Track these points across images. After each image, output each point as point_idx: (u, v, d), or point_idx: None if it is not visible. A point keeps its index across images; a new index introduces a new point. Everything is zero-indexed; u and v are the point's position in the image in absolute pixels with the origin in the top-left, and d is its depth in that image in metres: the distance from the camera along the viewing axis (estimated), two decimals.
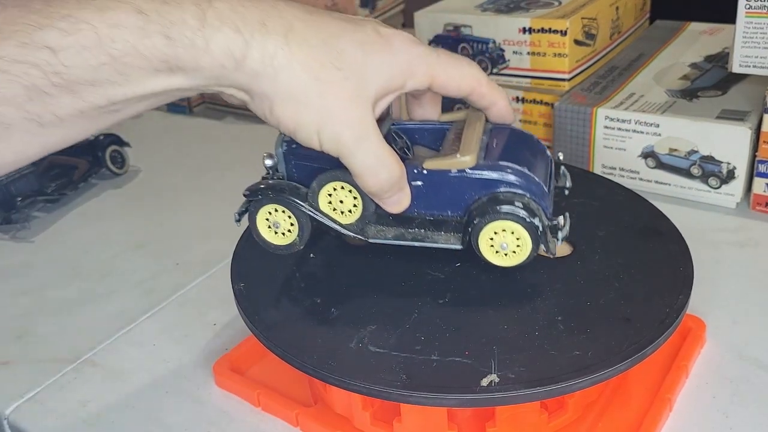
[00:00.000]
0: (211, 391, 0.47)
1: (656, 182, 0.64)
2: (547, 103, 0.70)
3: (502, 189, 0.40)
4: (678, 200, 0.64)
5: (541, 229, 0.39)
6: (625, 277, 0.42)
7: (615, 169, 0.66)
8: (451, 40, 0.75)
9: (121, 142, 0.82)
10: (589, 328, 0.38)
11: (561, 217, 0.41)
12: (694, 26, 0.84)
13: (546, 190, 0.41)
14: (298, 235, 0.43)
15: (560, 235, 0.40)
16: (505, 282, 0.42)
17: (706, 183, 0.62)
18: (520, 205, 0.39)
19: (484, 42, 0.72)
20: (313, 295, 0.43)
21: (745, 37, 0.59)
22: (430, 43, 0.77)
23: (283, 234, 0.43)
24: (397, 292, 0.42)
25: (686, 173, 0.63)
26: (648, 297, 0.41)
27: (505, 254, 0.41)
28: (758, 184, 0.60)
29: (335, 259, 0.45)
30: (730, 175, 0.61)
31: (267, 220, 0.43)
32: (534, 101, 0.71)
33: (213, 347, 0.51)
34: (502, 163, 0.40)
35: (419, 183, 0.41)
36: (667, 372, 0.43)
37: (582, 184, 0.51)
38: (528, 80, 0.72)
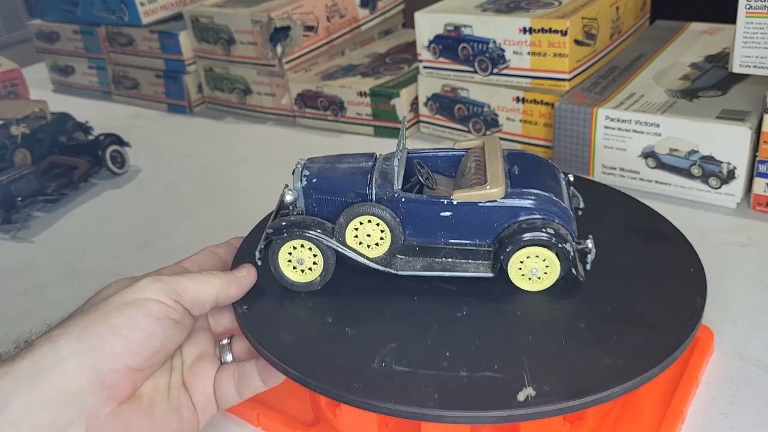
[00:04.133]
0: None
1: (656, 182, 0.64)
2: (547, 103, 0.70)
3: (531, 216, 0.40)
4: (678, 200, 0.64)
5: (572, 254, 0.39)
6: (639, 281, 0.41)
7: (615, 169, 0.66)
8: (451, 40, 0.75)
9: (121, 142, 0.82)
10: (614, 334, 0.37)
11: (588, 241, 0.40)
12: (694, 26, 0.84)
13: (571, 214, 0.41)
14: (320, 275, 0.42)
15: (589, 258, 0.40)
16: (519, 290, 0.41)
17: (707, 183, 0.62)
18: (552, 231, 0.39)
19: (484, 42, 0.72)
20: (323, 314, 0.41)
21: (745, 37, 0.59)
22: (431, 43, 0.77)
23: (303, 271, 0.42)
24: (410, 307, 0.40)
25: (686, 173, 0.63)
26: (665, 300, 0.40)
27: (530, 279, 0.41)
28: (758, 184, 0.60)
29: (338, 276, 0.42)
30: (731, 175, 0.61)
31: (290, 254, 0.42)
32: (534, 101, 0.71)
33: None
34: (529, 190, 0.40)
35: (448, 213, 0.41)
36: (677, 381, 0.42)
37: (582, 189, 0.50)
38: (528, 80, 0.72)
